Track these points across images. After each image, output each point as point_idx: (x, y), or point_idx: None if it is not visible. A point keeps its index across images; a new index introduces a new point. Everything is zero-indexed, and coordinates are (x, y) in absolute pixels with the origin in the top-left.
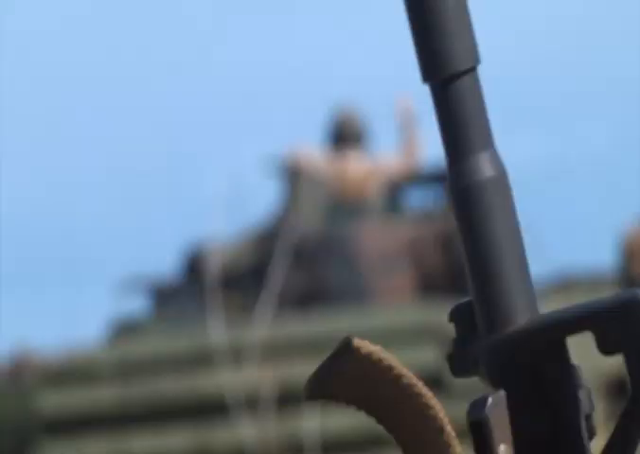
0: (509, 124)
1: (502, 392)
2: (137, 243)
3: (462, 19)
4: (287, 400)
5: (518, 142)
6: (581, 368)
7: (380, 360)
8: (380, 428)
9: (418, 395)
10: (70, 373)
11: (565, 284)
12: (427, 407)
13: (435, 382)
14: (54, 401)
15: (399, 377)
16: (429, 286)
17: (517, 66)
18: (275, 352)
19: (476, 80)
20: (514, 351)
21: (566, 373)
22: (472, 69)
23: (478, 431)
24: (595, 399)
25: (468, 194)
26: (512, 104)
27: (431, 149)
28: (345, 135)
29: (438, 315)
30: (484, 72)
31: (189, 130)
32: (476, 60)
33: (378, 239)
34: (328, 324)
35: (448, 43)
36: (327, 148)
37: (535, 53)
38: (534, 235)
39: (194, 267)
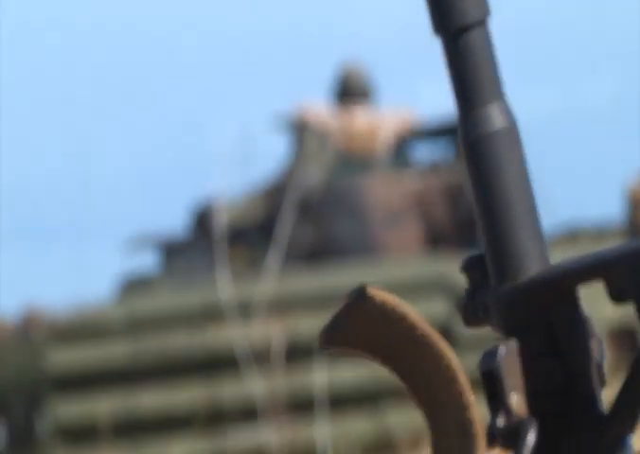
0: (522, 77)
1: (513, 342)
2: (146, 200)
3: None
4: (295, 354)
5: (530, 95)
6: (591, 315)
7: (394, 309)
8: (388, 382)
9: (432, 344)
10: (79, 329)
11: (573, 235)
12: (440, 356)
13: (445, 334)
14: (63, 358)
15: (413, 326)
16: (437, 238)
17: (534, 23)
18: (283, 306)
19: (486, 33)
20: (526, 300)
21: (577, 322)
22: (482, 22)
23: (490, 381)
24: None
25: (478, 145)
26: (527, 58)
27: (438, 102)
28: (350, 90)
29: (447, 267)
30: (500, 26)
31: (198, 87)
32: (486, 12)
33: (385, 193)
34: (336, 278)
35: None
36: (333, 103)
37: (553, 13)
38: (542, 187)
39: (202, 223)
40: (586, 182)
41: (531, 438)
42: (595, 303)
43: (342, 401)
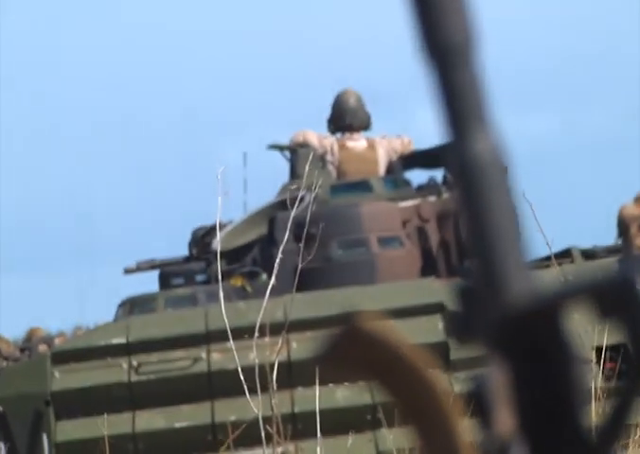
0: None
1: (502, 363)
2: (146, 223)
3: None
4: (296, 377)
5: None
6: (577, 337)
7: (380, 336)
8: (387, 402)
9: (418, 371)
10: (81, 351)
11: (563, 256)
12: (425, 383)
13: (443, 356)
14: (65, 379)
15: (398, 354)
16: (434, 261)
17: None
18: (282, 328)
19: (472, 54)
20: (513, 323)
21: (563, 343)
22: (469, 43)
23: (478, 402)
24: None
25: (462, 171)
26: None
27: (434, 126)
28: (346, 115)
29: (444, 290)
30: (504, 52)
31: (197, 115)
32: (472, 34)
33: (382, 216)
34: (333, 301)
35: (444, 16)
36: (330, 128)
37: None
38: (533, 210)
39: (201, 245)
40: (579, 203)
41: None
42: (586, 322)
43: (343, 423)
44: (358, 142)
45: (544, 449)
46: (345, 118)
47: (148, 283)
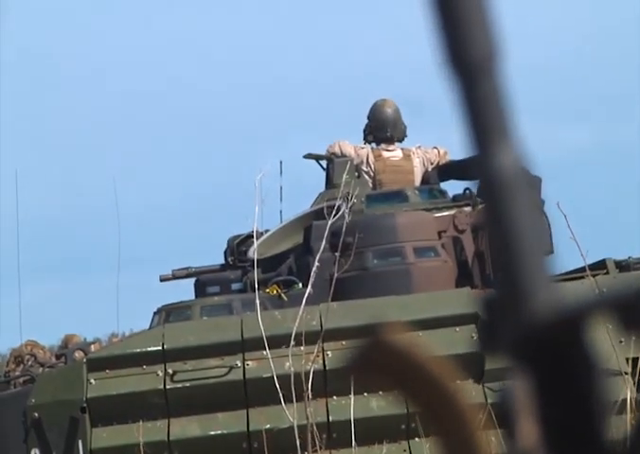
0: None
1: (526, 375)
2: (183, 231)
3: (483, 8)
4: (331, 385)
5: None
6: (609, 348)
7: (404, 349)
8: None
9: (440, 384)
10: (117, 359)
11: (597, 267)
12: (447, 395)
13: (475, 366)
14: (100, 386)
15: (421, 366)
16: (468, 271)
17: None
18: (317, 337)
19: (496, 68)
20: (537, 335)
21: (587, 356)
22: (493, 57)
23: (504, 413)
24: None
25: (487, 183)
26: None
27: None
28: (388, 125)
29: (476, 300)
30: (534, 65)
31: (234, 124)
32: (496, 48)
33: (416, 225)
34: (369, 310)
35: (467, 30)
36: (369, 136)
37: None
38: (568, 221)
39: (238, 254)
40: (618, 217)
41: None
42: (612, 335)
43: (378, 432)
44: (394, 152)
45: None
46: (385, 129)
47: (184, 291)
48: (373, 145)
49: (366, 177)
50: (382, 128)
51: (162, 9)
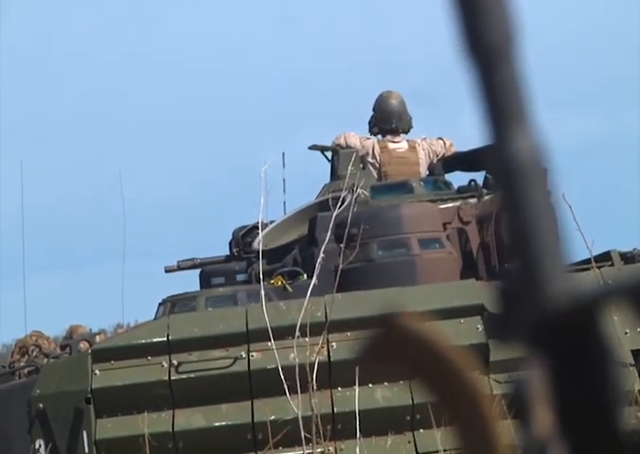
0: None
1: (540, 365)
2: (187, 222)
3: None
4: (337, 376)
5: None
6: (615, 339)
7: (418, 336)
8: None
9: (456, 371)
10: (121, 349)
11: (602, 259)
12: (463, 382)
13: (480, 357)
14: (105, 377)
15: (436, 354)
16: (474, 262)
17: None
18: (322, 328)
19: (513, 54)
20: (551, 324)
21: (601, 345)
22: (510, 43)
23: (518, 402)
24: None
25: (502, 169)
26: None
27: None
28: (394, 116)
29: (481, 291)
30: (552, 52)
31: (239, 115)
32: (514, 33)
33: (421, 216)
34: (374, 301)
35: (485, 15)
36: (374, 127)
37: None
38: (573, 211)
39: (242, 245)
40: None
41: None
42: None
43: (383, 423)
44: (399, 144)
45: (583, 449)
46: (391, 121)
47: (189, 282)
48: (379, 136)
49: (372, 168)
50: (387, 119)
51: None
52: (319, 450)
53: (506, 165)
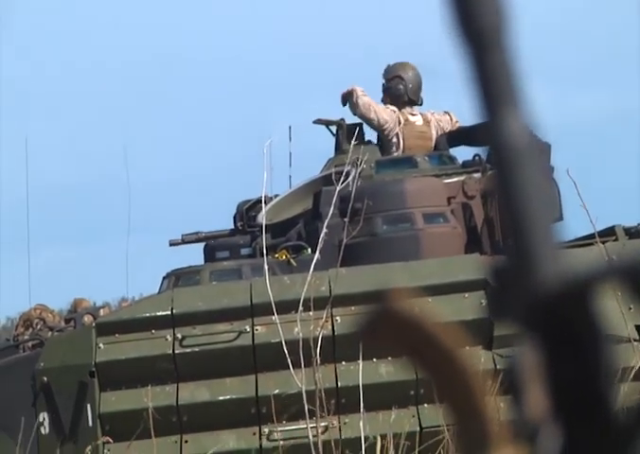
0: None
1: (533, 343)
2: (192, 196)
3: None
4: (339, 350)
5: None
6: (618, 316)
7: (411, 316)
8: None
9: (447, 351)
10: (126, 322)
11: (607, 234)
12: (454, 362)
13: (484, 332)
14: (109, 349)
15: (428, 333)
16: (478, 237)
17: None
18: (326, 302)
19: (506, 35)
20: (544, 304)
21: (594, 324)
22: (502, 24)
23: (511, 381)
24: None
25: (495, 150)
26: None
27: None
28: (396, 90)
29: (483, 267)
30: (556, 29)
31: (245, 89)
32: (506, 15)
33: (425, 191)
34: (378, 276)
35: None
36: (387, 98)
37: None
38: (577, 188)
39: (247, 218)
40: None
41: (548, 435)
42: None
43: (386, 398)
44: (416, 117)
45: (575, 430)
46: (407, 93)
47: (193, 256)
48: (394, 108)
49: (395, 140)
50: (402, 91)
51: None
52: (323, 424)
53: (497, 147)
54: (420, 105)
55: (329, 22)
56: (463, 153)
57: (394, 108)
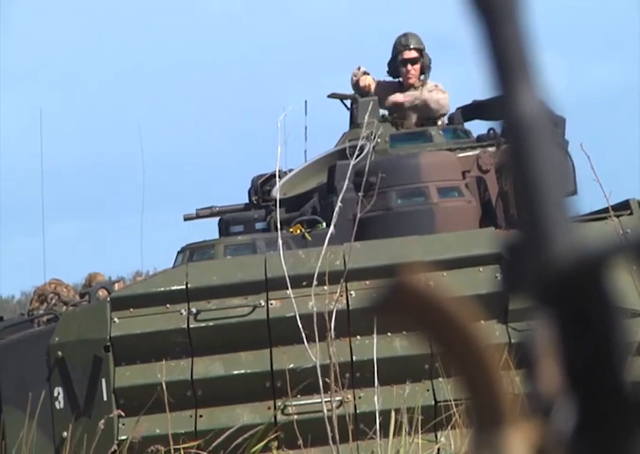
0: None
1: (546, 318)
2: (206, 171)
3: None
4: (354, 325)
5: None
6: (625, 292)
7: (423, 291)
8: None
9: (461, 326)
10: (140, 297)
11: (621, 208)
12: (468, 337)
13: (499, 305)
14: (124, 324)
15: (441, 308)
16: (491, 211)
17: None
18: (340, 277)
19: (518, 6)
20: (557, 279)
21: (607, 299)
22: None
23: (525, 355)
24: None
25: (508, 124)
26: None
27: None
28: (429, 61)
29: (500, 240)
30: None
31: (258, 63)
32: None
33: (440, 165)
34: (392, 250)
35: None
36: (392, 69)
37: None
38: (591, 162)
39: (261, 193)
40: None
41: (562, 409)
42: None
43: (401, 372)
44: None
45: (589, 404)
46: (407, 63)
47: (208, 230)
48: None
49: (391, 115)
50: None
51: None
52: (337, 398)
53: (510, 121)
54: (429, 75)
55: None
56: (478, 127)
57: (436, 83)
